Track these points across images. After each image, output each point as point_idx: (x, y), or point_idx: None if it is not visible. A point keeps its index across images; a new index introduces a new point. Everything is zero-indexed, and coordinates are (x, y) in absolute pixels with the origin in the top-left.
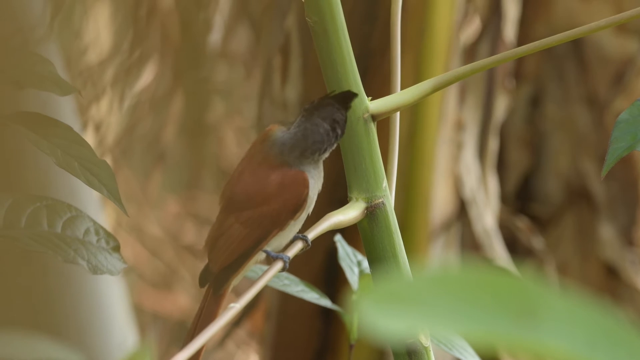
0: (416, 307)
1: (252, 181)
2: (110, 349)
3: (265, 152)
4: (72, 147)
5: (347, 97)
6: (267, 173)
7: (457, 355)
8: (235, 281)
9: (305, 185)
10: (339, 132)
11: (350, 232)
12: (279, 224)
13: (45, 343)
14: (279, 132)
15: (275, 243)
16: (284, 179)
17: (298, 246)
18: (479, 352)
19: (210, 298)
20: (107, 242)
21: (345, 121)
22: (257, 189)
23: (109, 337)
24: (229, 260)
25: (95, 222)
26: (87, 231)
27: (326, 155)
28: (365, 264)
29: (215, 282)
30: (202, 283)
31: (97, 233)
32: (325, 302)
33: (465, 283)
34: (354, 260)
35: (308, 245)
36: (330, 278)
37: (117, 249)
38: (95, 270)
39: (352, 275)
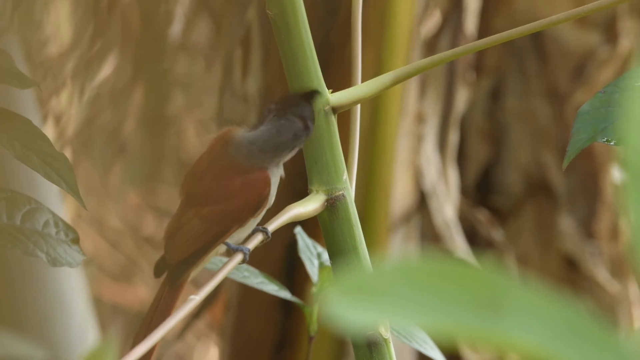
0: (378, 298)
1: (215, 179)
2: (71, 341)
3: (231, 156)
4: (30, 140)
5: (312, 95)
6: (231, 172)
7: (417, 347)
8: (193, 274)
9: (267, 183)
10: (311, 129)
11: (310, 225)
12: (239, 221)
13: (7, 338)
14: (240, 133)
15: (235, 238)
16: (246, 178)
17: (258, 238)
18: (439, 345)
19: (167, 291)
20: (67, 234)
21: (314, 119)
22: (219, 187)
23: (69, 329)
24: (186, 254)
25: (54, 214)
26: (46, 223)
27: (293, 153)
28: (325, 256)
29: (172, 275)
30: (157, 274)
31: (56, 225)
32: (285, 294)
33: (428, 275)
34: (314, 253)
35: (268, 237)
36: (290, 270)
37: (76, 241)
38: (55, 262)
39: (312, 268)
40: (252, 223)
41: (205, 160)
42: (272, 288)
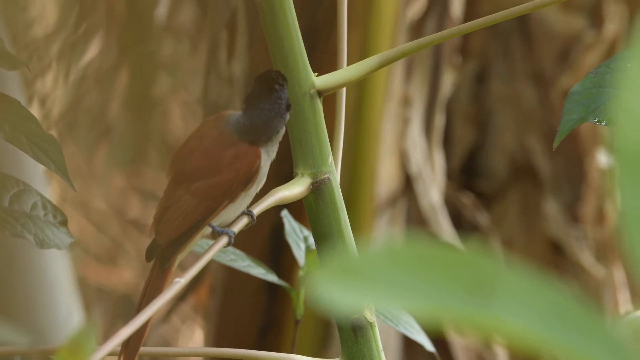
0: (365, 282)
1: (205, 153)
2: (56, 323)
3: (220, 129)
4: (20, 121)
5: (281, 76)
6: (221, 146)
7: (403, 331)
8: (182, 256)
9: (257, 155)
10: (290, 110)
11: (296, 208)
12: (230, 194)
13: None
14: (233, 115)
15: (225, 216)
16: (237, 150)
17: (243, 221)
18: (425, 329)
19: (157, 272)
20: (55, 217)
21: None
22: (209, 160)
23: (55, 311)
24: (178, 233)
25: (42, 196)
26: (34, 205)
27: (280, 135)
28: (312, 239)
29: (162, 256)
30: (148, 257)
31: (44, 207)
32: (272, 278)
33: (413, 258)
34: (301, 236)
35: (253, 220)
36: (275, 253)
37: (64, 223)
38: (43, 244)
39: (299, 251)
40: (243, 200)
41: (194, 139)
42: (259, 271)
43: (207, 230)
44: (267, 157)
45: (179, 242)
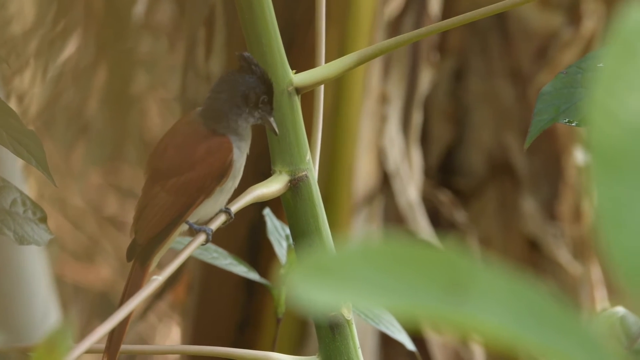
0: (342, 280)
1: (178, 149)
2: (33, 321)
3: (191, 121)
4: (0, 117)
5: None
6: (193, 141)
7: (384, 330)
8: (161, 253)
9: (229, 149)
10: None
11: (274, 206)
12: (205, 189)
13: None
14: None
15: (202, 212)
16: (209, 145)
17: (221, 219)
18: (405, 327)
19: (136, 271)
20: (34, 213)
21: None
22: (182, 156)
23: (32, 308)
24: (156, 231)
25: (22, 193)
26: (14, 202)
27: (242, 128)
28: None
29: (142, 254)
30: (129, 257)
31: (23, 204)
32: (254, 276)
33: (390, 256)
34: (282, 234)
35: (231, 217)
36: (254, 251)
37: (43, 220)
38: (22, 240)
39: (280, 249)
40: (219, 196)
41: (168, 136)
42: (241, 269)
43: (185, 227)
44: (240, 152)
45: (157, 240)
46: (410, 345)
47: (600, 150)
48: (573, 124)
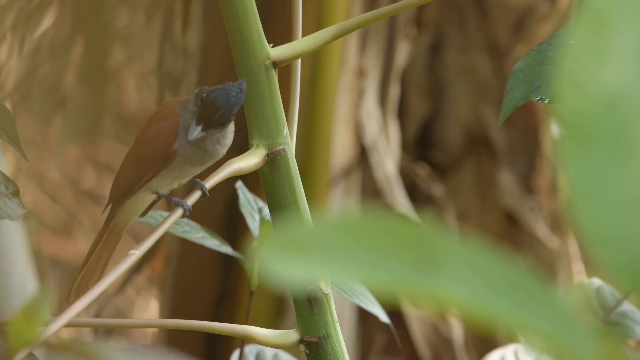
0: (317, 253)
1: (147, 125)
2: (11, 294)
3: (172, 109)
4: None
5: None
6: (155, 122)
7: (357, 302)
8: (127, 217)
9: (173, 139)
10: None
11: (251, 179)
12: (152, 168)
13: None
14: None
15: (160, 185)
16: (160, 128)
17: (197, 194)
18: (381, 300)
19: (103, 226)
20: (7, 187)
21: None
22: (143, 132)
23: (9, 282)
24: (116, 192)
25: None
26: None
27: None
28: (266, 210)
29: (110, 212)
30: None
31: None
32: (226, 249)
33: (366, 229)
34: (255, 207)
35: (205, 194)
36: (230, 225)
37: (16, 194)
38: None
39: (253, 222)
40: (166, 176)
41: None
42: (214, 243)
43: (153, 197)
44: (190, 146)
45: (118, 200)
46: (384, 318)
47: (571, 123)
48: (545, 102)
